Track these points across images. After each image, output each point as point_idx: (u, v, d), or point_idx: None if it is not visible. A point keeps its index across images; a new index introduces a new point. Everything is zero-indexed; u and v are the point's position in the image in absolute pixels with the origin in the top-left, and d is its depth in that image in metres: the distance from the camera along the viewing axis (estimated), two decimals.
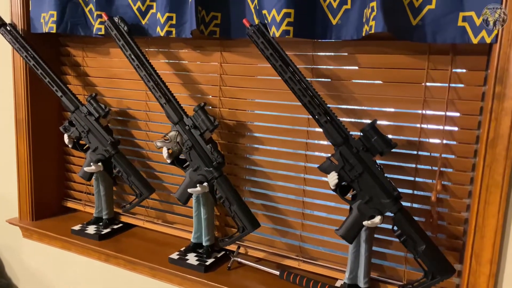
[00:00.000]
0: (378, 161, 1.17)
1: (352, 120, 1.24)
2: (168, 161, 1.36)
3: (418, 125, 1.16)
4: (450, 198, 1.15)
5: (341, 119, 1.21)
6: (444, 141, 1.13)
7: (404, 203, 1.13)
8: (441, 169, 1.14)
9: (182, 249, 1.46)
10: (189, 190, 1.32)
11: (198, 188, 1.31)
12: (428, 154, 1.17)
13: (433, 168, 1.16)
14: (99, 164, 1.54)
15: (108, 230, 1.62)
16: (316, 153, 1.31)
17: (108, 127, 1.58)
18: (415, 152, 1.17)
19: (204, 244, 1.43)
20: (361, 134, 1.09)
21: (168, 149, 1.34)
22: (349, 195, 1.14)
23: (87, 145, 1.57)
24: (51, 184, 1.81)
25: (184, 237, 1.57)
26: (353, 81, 1.24)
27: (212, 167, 1.31)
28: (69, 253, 1.63)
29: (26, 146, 1.70)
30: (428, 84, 1.13)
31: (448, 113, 1.12)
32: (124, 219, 1.70)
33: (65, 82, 1.65)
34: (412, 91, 1.15)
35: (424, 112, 1.15)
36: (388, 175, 1.19)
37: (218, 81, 1.43)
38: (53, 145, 1.78)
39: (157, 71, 1.35)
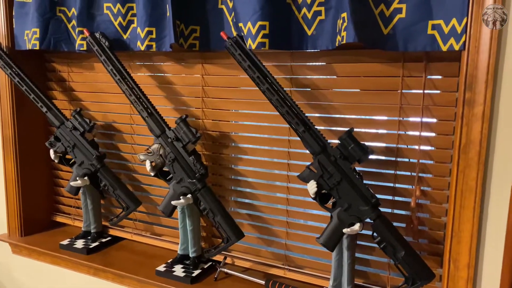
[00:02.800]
0: (358, 169, 1.19)
1: (331, 128, 1.25)
2: (152, 174, 1.37)
3: (396, 132, 1.17)
4: (430, 204, 1.16)
5: (320, 127, 1.23)
6: (422, 147, 1.15)
7: (384, 209, 1.15)
8: (420, 174, 1.15)
9: (169, 261, 1.46)
10: (173, 202, 1.33)
11: (182, 200, 1.31)
12: (407, 160, 1.18)
13: (412, 174, 1.17)
14: (85, 178, 1.55)
15: (96, 243, 1.62)
16: (298, 162, 1.32)
17: (94, 141, 1.59)
18: (393, 159, 1.19)
19: (190, 255, 1.43)
20: (339, 142, 1.11)
21: (151, 162, 1.35)
22: (329, 203, 1.15)
23: (73, 160, 1.58)
24: (40, 199, 1.82)
25: (171, 249, 1.57)
26: (332, 90, 1.25)
27: (195, 178, 1.32)
28: (59, 268, 1.64)
29: (14, 163, 1.71)
30: (404, 91, 1.15)
31: (424, 119, 1.13)
32: (112, 232, 1.71)
33: (50, 98, 1.67)
34: (389, 98, 1.17)
35: (401, 118, 1.16)
36: (368, 182, 1.20)
37: (201, 92, 1.44)
38: (40, 161, 1.79)
39: (138, 85, 1.37)
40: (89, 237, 1.65)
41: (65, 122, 1.55)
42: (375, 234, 1.09)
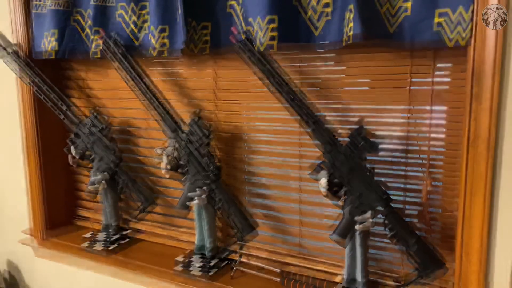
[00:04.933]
0: (370, 165, 1.21)
1: (342, 126, 1.27)
2: (167, 175, 1.40)
3: (405, 134, 1.18)
4: (441, 198, 1.17)
5: (331, 126, 1.24)
6: (432, 142, 1.16)
7: (396, 205, 1.16)
8: (430, 169, 1.16)
9: (186, 260, 1.49)
10: (188, 203, 1.36)
11: (196, 200, 1.35)
12: (417, 156, 1.19)
13: (423, 169, 1.18)
14: (105, 173, 1.59)
15: (115, 245, 1.66)
16: (309, 162, 1.33)
17: (112, 139, 1.63)
18: (403, 155, 1.20)
19: (207, 254, 1.47)
20: (349, 140, 1.12)
21: (166, 164, 1.38)
22: (340, 201, 1.17)
23: (91, 161, 1.63)
24: (61, 203, 1.87)
25: (188, 248, 1.60)
26: (343, 88, 1.27)
27: (209, 179, 1.35)
28: (80, 270, 1.69)
29: (36, 168, 1.77)
30: (412, 87, 1.16)
31: (434, 121, 1.14)
32: (130, 233, 1.75)
33: (68, 104, 1.72)
34: (400, 94, 1.18)
35: (410, 119, 1.17)
36: (380, 178, 1.21)
37: (213, 95, 1.47)
38: (61, 165, 1.83)
39: (152, 89, 1.41)
40: (108, 238, 1.69)
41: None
42: (387, 229, 1.10)
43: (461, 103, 1.09)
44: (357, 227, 1.12)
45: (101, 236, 1.67)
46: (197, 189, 1.37)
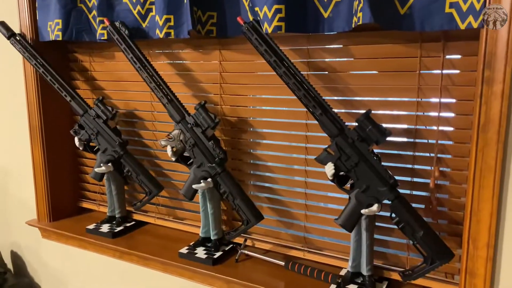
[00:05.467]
0: (376, 151, 1.19)
1: (349, 111, 1.25)
2: (173, 159, 1.40)
3: (414, 113, 1.17)
4: (449, 184, 1.15)
5: (338, 110, 1.23)
6: (440, 128, 1.14)
7: (403, 191, 1.15)
8: (438, 155, 1.15)
9: (191, 243, 1.50)
10: (194, 186, 1.36)
11: (202, 184, 1.35)
12: (425, 141, 1.18)
13: (431, 155, 1.16)
14: (109, 164, 1.60)
15: (121, 228, 1.67)
16: (316, 145, 1.33)
17: (116, 129, 1.64)
18: (412, 140, 1.18)
19: (212, 238, 1.47)
20: (356, 124, 1.11)
21: (172, 148, 1.38)
22: (347, 185, 1.16)
23: (97, 147, 1.63)
24: (67, 186, 1.88)
25: (193, 232, 1.61)
26: (349, 72, 1.25)
27: (215, 163, 1.34)
28: (86, 251, 1.70)
29: (41, 152, 1.77)
30: (422, 72, 1.14)
31: (443, 100, 1.13)
32: (136, 217, 1.76)
33: (74, 87, 1.71)
34: (407, 79, 1.16)
35: (419, 99, 1.16)
36: (387, 164, 1.20)
37: (219, 79, 1.46)
38: (66, 149, 1.84)
39: (158, 72, 1.40)
40: (114, 222, 1.70)
41: (88, 111, 1.60)
42: (393, 214, 1.10)
43: (472, 88, 1.07)
44: (363, 211, 1.12)
45: (105, 227, 1.67)
46: (202, 172, 1.36)
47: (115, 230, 1.65)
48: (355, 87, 1.24)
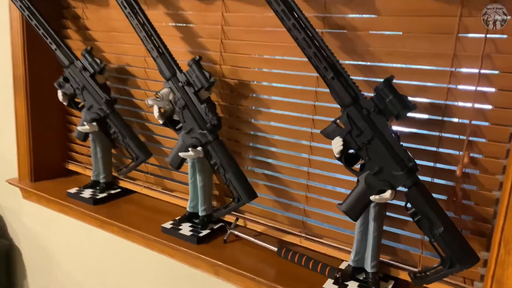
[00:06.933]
0: (395, 128, 1.00)
1: (368, 79, 1.06)
2: (160, 121, 1.23)
3: (446, 85, 0.97)
4: (480, 174, 0.96)
5: (354, 78, 1.04)
6: (476, 105, 0.94)
7: (422, 178, 0.96)
8: (470, 138, 0.95)
9: (177, 218, 1.34)
10: (181, 154, 1.19)
11: (191, 153, 1.17)
12: (456, 120, 0.98)
13: (461, 137, 0.97)
14: (94, 124, 1.43)
15: (104, 194, 1.52)
16: (324, 118, 1.14)
17: (105, 85, 1.47)
18: (440, 118, 0.98)
19: (200, 214, 1.30)
20: (374, 93, 0.92)
21: (159, 108, 1.21)
22: (356, 166, 0.98)
23: (82, 103, 1.46)
24: (52, 144, 1.73)
25: (182, 206, 1.45)
26: (370, 32, 1.05)
27: (206, 129, 1.17)
28: (67, 217, 1.56)
29: (25, 105, 1.62)
30: (460, 35, 0.93)
31: (483, 71, 0.92)
32: (123, 184, 1.61)
33: (63, 36, 1.55)
34: (440, 43, 0.96)
35: (453, 69, 0.95)
36: (406, 144, 1.01)
37: (220, 33, 1.27)
38: (53, 104, 1.67)
39: (150, 21, 1.21)
40: (98, 187, 1.55)
41: (75, 62, 1.43)
42: (409, 204, 0.91)
43: None
44: (372, 198, 0.93)
45: (87, 193, 1.52)
46: (192, 139, 1.19)
47: (97, 197, 1.50)
48: (376, 50, 1.03)
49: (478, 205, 0.97)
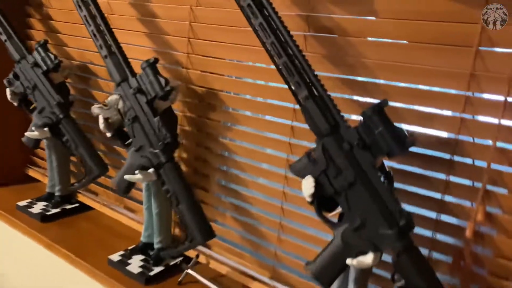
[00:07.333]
0: (388, 163, 0.77)
1: (357, 98, 0.83)
2: (108, 134, 1.01)
3: (458, 114, 0.73)
4: (497, 236, 0.72)
5: (340, 95, 0.81)
6: (498, 144, 0.70)
7: (421, 231, 0.73)
8: (488, 187, 0.71)
9: (130, 247, 1.13)
10: (126, 177, 0.97)
11: (138, 176, 0.96)
12: (470, 161, 0.74)
13: (475, 185, 0.73)
14: (45, 129, 1.23)
15: (57, 210, 1.32)
16: (304, 143, 0.91)
17: (63, 84, 1.27)
18: (448, 156, 0.75)
19: (155, 246, 1.09)
20: (361, 121, 0.69)
21: (106, 118, 0.99)
22: (333, 213, 0.75)
23: (34, 105, 1.26)
24: (12, 147, 1.53)
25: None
26: (366, 38, 0.82)
27: (158, 148, 0.95)
28: (16, 231, 1.36)
29: None
30: (481, 48, 0.69)
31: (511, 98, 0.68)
32: (82, 198, 1.40)
33: (25, 25, 1.35)
34: (454, 58, 0.72)
35: (470, 94, 0.72)
36: (401, 186, 0.78)
37: (187, 31, 1.05)
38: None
39: (103, 13, 1.00)
40: (53, 200, 1.35)
41: (27, 57, 1.23)
42: (396, 276, 0.68)
43: None
44: (349, 262, 0.70)
45: (38, 207, 1.32)
46: (142, 158, 0.97)
47: (48, 213, 1.30)
48: (372, 63, 0.80)
49: (493, 275, 0.73)
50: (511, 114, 0.68)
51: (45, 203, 1.35)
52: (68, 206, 1.36)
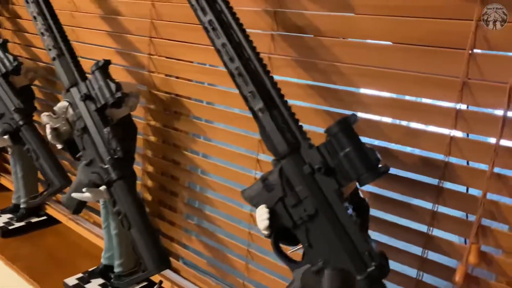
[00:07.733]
0: (365, 188, 0.64)
1: (329, 108, 0.70)
2: (58, 146, 0.90)
3: (448, 131, 0.60)
4: (496, 282, 0.59)
5: (309, 105, 0.69)
6: (496, 169, 0.56)
7: (403, 270, 0.60)
8: (484, 221, 0.58)
9: (89, 269, 1.02)
10: (74, 195, 0.86)
11: (87, 194, 0.84)
12: (462, 189, 0.60)
13: (468, 218, 0.60)
14: (5, 137, 1.13)
15: (21, 224, 1.22)
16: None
17: (27, 88, 1.17)
18: (435, 182, 0.61)
19: (115, 270, 0.98)
20: (326, 140, 0.56)
21: (54, 128, 0.88)
22: (293, 250, 0.62)
23: None
24: None
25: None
26: (342, 39, 0.69)
27: (108, 163, 0.84)
28: None
29: None
30: (476, 50, 0.56)
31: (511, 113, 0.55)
32: (50, 211, 1.30)
33: None
34: (444, 62, 0.59)
35: (461, 106, 0.58)
36: (378, 213, 0.66)
37: (148, 29, 0.93)
38: None
39: (53, 10, 0.90)
40: (10, 219, 1.25)
41: None
42: None
43: None
44: None
45: (2, 219, 1.22)
46: (92, 174, 0.86)
47: (10, 227, 1.20)
48: (348, 68, 0.67)
49: None
50: (510, 131, 0.55)
51: (10, 216, 1.25)
52: (34, 220, 1.25)
